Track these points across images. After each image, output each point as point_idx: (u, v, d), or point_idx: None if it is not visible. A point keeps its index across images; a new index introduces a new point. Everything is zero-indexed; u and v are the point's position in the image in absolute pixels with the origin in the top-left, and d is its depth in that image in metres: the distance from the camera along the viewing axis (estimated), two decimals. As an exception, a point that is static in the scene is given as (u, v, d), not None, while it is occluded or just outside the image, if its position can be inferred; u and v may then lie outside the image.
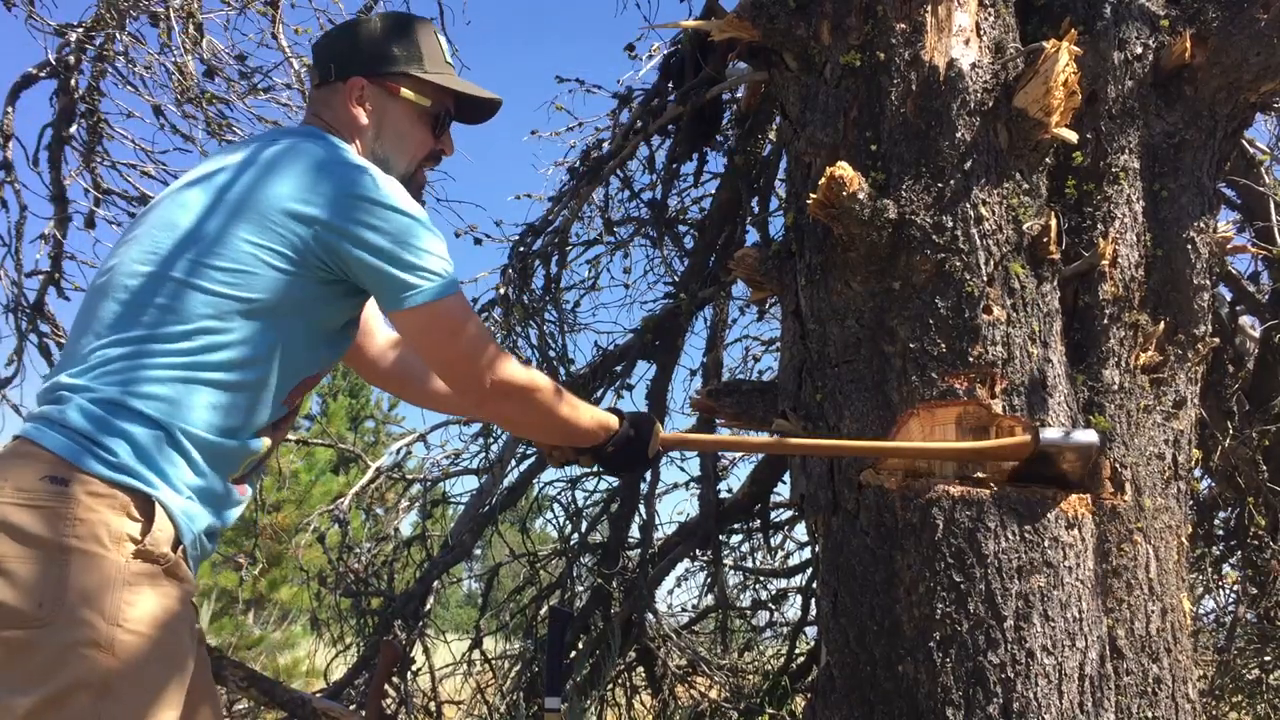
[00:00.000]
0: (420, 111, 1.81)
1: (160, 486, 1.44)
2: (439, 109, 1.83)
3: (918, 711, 1.85)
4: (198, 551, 1.52)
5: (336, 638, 4.68)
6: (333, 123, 1.77)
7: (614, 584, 4.20)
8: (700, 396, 2.45)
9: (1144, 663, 2.07)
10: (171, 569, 1.44)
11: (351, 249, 1.55)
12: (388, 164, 1.76)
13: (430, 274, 1.59)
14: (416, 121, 1.81)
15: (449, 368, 1.70)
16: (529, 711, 3.98)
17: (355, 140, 1.77)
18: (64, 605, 1.33)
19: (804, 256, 2.15)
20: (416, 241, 1.58)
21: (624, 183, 4.24)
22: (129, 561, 1.39)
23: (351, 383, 19.79)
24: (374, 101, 1.78)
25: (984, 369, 1.95)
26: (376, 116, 1.78)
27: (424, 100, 1.80)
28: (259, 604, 11.35)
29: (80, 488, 1.38)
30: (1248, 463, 3.32)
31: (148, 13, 3.62)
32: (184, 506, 1.47)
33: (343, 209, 1.55)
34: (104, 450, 1.41)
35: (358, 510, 5.38)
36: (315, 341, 1.65)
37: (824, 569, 2.10)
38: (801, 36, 2.17)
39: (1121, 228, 2.22)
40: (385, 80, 1.78)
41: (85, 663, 1.33)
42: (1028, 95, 1.99)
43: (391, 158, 1.79)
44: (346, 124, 1.77)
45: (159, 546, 1.42)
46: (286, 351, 1.58)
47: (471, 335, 1.66)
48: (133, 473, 1.42)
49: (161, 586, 1.42)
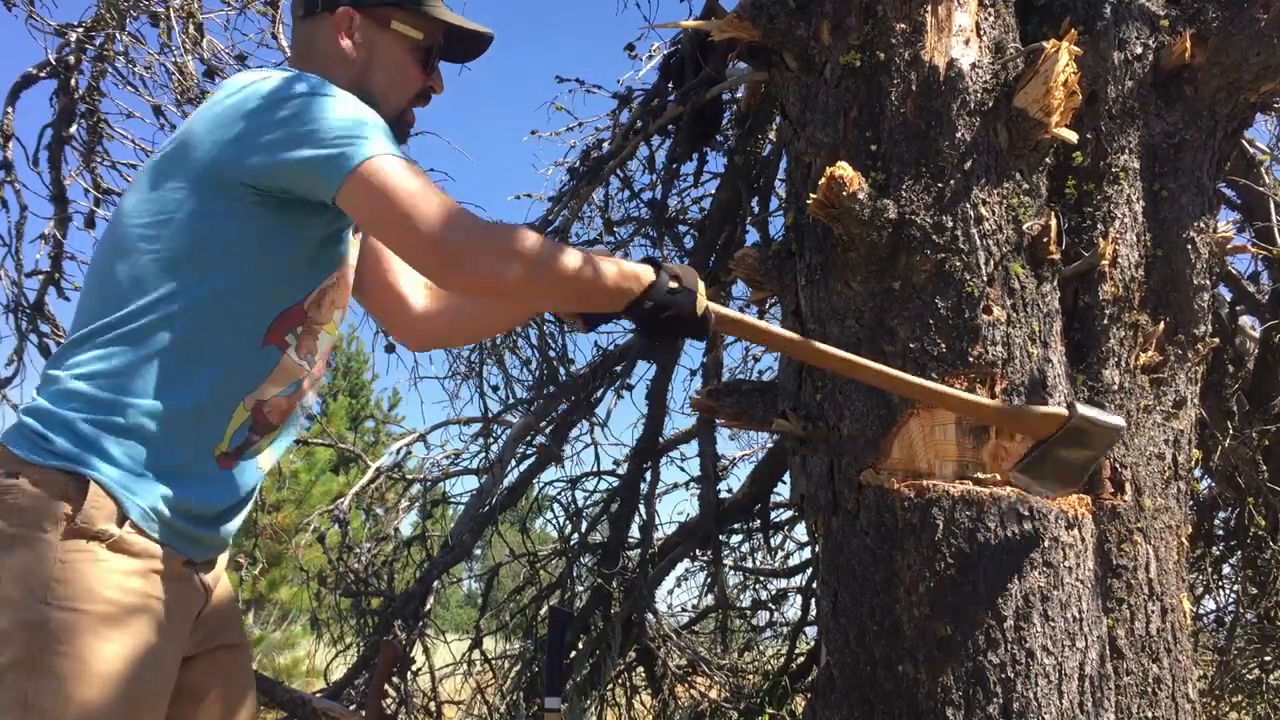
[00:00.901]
0: (412, 44, 1.70)
1: (98, 465, 1.43)
2: (431, 42, 1.72)
3: (918, 711, 1.85)
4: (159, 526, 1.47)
5: (336, 638, 4.69)
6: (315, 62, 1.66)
7: (614, 584, 4.20)
8: (700, 396, 2.45)
9: (1144, 663, 2.07)
10: (118, 544, 1.43)
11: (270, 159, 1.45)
12: (375, 101, 1.64)
13: (347, 139, 1.44)
14: (407, 56, 1.70)
15: (401, 237, 1.46)
16: (529, 711, 3.98)
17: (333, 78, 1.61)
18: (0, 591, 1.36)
19: (804, 256, 2.15)
20: (326, 115, 1.45)
21: (624, 183, 4.25)
22: (62, 541, 1.39)
23: (351, 383, 19.80)
24: (363, 34, 1.67)
25: (984, 369, 1.95)
26: (365, 50, 1.67)
27: (416, 33, 1.69)
28: (259, 604, 11.35)
29: (26, 479, 1.41)
30: (1248, 463, 3.32)
31: (148, 13, 3.63)
32: (124, 480, 1.44)
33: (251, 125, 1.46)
34: (45, 440, 1.43)
35: (358, 510, 5.38)
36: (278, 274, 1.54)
37: (824, 569, 2.10)
38: (801, 36, 2.17)
39: (1121, 228, 2.22)
40: (375, 10, 1.66)
41: (14, 644, 1.35)
42: (1028, 95, 1.99)
43: (380, 94, 1.67)
44: (333, 59, 1.66)
45: (94, 523, 1.41)
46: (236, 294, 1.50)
47: (410, 188, 1.43)
48: (69, 456, 1.42)
49: (104, 563, 1.41)
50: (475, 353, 4.33)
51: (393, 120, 1.66)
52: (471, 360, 4.35)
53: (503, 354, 4.27)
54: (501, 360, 4.28)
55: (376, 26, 1.67)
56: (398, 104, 1.71)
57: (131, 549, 1.45)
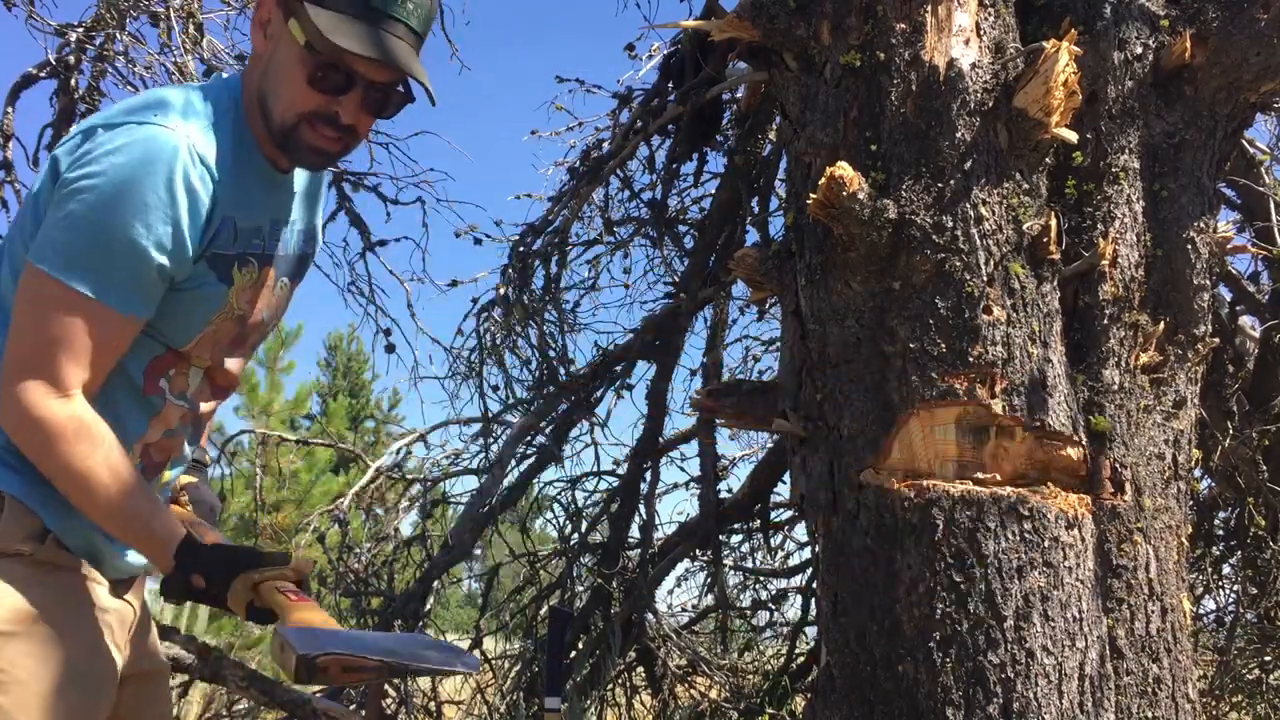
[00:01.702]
0: (301, 54, 1.44)
1: (9, 480, 1.40)
2: (329, 59, 1.43)
3: (918, 711, 1.85)
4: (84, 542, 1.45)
5: (336, 638, 4.67)
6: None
7: (614, 584, 4.20)
8: (700, 396, 2.45)
9: (1144, 663, 2.07)
10: (43, 559, 1.40)
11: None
12: (266, 106, 1.48)
13: (69, 245, 1.34)
14: (298, 63, 1.45)
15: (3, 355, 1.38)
16: (529, 711, 3.99)
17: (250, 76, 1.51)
18: None
19: (804, 256, 2.15)
20: (97, 211, 1.33)
21: (624, 183, 4.25)
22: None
23: (351, 382, 19.81)
24: (275, 28, 1.47)
25: (984, 369, 1.95)
26: (273, 46, 1.47)
27: (300, 36, 1.43)
28: (259, 604, 11.33)
29: None
30: (1248, 463, 3.32)
31: (148, 13, 3.62)
32: (42, 494, 1.41)
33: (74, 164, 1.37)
34: None
35: (358, 510, 5.38)
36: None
37: (824, 569, 2.10)
38: (801, 36, 2.17)
39: (1121, 228, 2.22)
40: (287, 3, 1.45)
41: None
42: (1028, 95, 1.99)
43: (270, 99, 1.47)
44: (253, 55, 1.51)
45: (10, 541, 1.39)
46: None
47: (48, 331, 1.34)
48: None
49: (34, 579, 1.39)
50: (475, 353, 4.33)
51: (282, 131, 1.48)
52: (471, 360, 4.35)
53: (503, 354, 4.27)
54: (501, 360, 4.28)
55: (283, 21, 1.46)
56: (281, 118, 1.47)
57: (56, 561, 1.43)
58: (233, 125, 1.48)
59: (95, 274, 1.35)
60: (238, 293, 1.53)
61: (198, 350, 1.54)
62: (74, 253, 1.35)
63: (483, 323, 4.25)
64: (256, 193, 1.53)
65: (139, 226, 1.34)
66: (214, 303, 1.50)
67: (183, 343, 1.51)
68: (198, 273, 1.46)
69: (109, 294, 1.36)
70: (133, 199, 1.34)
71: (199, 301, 1.48)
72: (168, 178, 1.36)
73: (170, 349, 1.51)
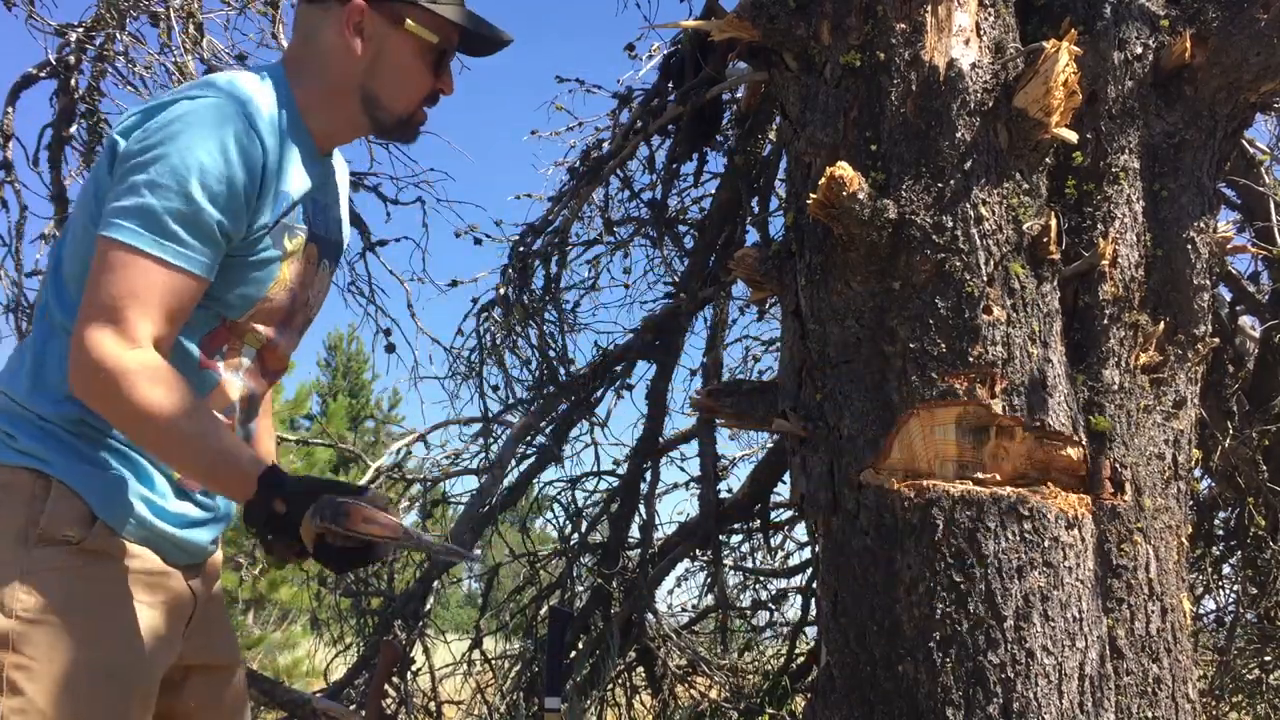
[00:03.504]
0: (424, 47, 1.61)
1: (57, 462, 1.41)
2: (445, 45, 1.63)
3: (918, 711, 1.85)
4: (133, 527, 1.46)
5: (336, 638, 4.68)
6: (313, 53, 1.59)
7: (614, 584, 4.20)
8: (700, 396, 2.45)
9: (1144, 663, 2.07)
10: (89, 547, 1.40)
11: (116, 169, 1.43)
12: (379, 102, 1.61)
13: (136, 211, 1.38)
14: (418, 58, 1.61)
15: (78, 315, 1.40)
16: (529, 711, 3.99)
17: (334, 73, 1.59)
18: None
19: (804, 256, 2.15)
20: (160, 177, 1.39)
21: (624, 183, 4.25)
22: (27, 548, 1.36)
23: (351, 383, 19.81)
24: (373, 29, 1.58)
25: (984, 369, 1.95)
26: (374, 47, 1.58)
27: (431, 35, 1.60)
28: (259, 604, 11.35)
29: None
30: (1248, 463, 3.33)
31: (148, 13, 3.63)
32: (90, 477, 1.42)
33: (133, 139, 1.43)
34: (6, 435, 1.41)
35: (358, 510, 5.36)
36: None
37: (824, 569, 2.10)
38: (801, 36, 2.17)
39: (1121, 228, 2.22)
40: (390, 6, 1.57)
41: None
42: (1028, 95, 1.99)
43: (386, 96, 1.62)
44: (335, 54, 1.58)
45: (59, 528, 1.39)
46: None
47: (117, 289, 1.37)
48: (30, 453, 1.40)
49: (75, 569, 1.39)
50: (475, 353, 4.33)
51: (400, 122, 1.65)
52: (471, 360, 4.35)
53: (503, 354, 4.27)
54: (501, 360, 4.28)
55: (389, 24, 1.58)
56: (405, 108, 1.64)
57: (107, 550, 1.43)
58: (283, 103, 1.55)
59: (160, 234, 1.39)
60: (289, 263, 1.58)
61: (252, 324, 1.57)
62: (138, 217, 1.39)
63: (483, 323, 4.26)
64: (302, 168, 1.58)
65: (197, 186, 1.40)
66: (271, 270, 1.55)
67: (240, 313, 1.54)
68: (256, 237, 1.51)
69: (171, 252, 1.40)
70: (190, 162, 1.40)
71: (258, 268, 1.53)
72: (221, 140, 1.42)
73: (224, 322, 1.54)
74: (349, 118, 1.64)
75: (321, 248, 1.68)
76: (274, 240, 1.54)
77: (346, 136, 1.69)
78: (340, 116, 1.63)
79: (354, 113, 1.63)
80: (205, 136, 1.41)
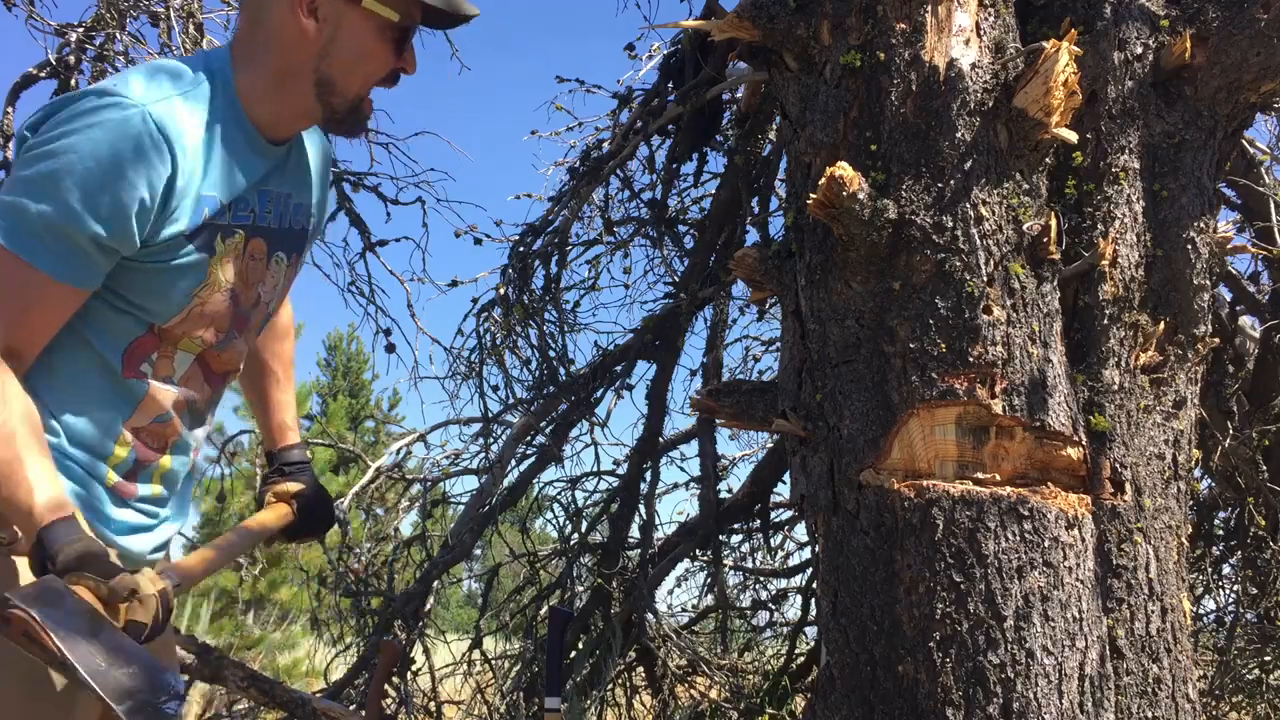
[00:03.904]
0: (385, 24, 1.50)
1: None
2: (407, 22, 1.53)
3: (918, 711, 1.85)
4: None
5: (336, 638, 4.69)
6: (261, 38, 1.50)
7: (614, 584, 4.20)
8: (700, 396, 2.45)
9: (1144, 663, 2.07)
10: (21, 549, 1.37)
11: None
12: (334, 87, 1.52)
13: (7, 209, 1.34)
14: (378, 37, 1.51)
15: None
16: (529, 711, 3.99)
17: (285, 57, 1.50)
18: None
19: (804, 256, 2.15)
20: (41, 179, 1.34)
21: (624, 183, 4.25)
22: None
23: (351, 383, 19.81)
24: (327, 9, 1.48)
25: (984, 369, 1.95)
26: (329, 28, 1.49)
27: (391, 13, 1.49)
28: (259, 604, 11.36)
29: None
30: (1248, 463, 3.33)
31: (148, 13, 3.63)
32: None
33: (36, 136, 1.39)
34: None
35: (358, 510, 5.38)
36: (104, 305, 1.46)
37: (824, 569, 2.10)
38: (801, 36, 2.17)
39: (1121, 228, 2.22)
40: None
41: None
42: (1028, 95, 1.99)
43: (342, 80, 1.52)
44: (286, 37, 1.49)
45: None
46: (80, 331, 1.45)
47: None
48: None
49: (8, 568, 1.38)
50: (475, 353, 4.33)
51: (348, 109, 1.55)
52: (471, 360, 4.35)
53: (503, 354, 4.27)
54: (501, 360, 4.28)
55: (344, 2, 1.49)
56: (359, 91, 1.54)
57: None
58: (218, 96, 1.48)
59: (30, 237, 1.35)
60: (221, 264, 1.51)
61: (185, 329, 1.52)
62: (12, 217, 1.35)
63: (483, 323, 4.26)
64: (241, 163, 1.51)
65: (77, 194, 1.34)
66: (194, 274, 1.48)
67: (165, 319, 1.49)
68: (170, 244, 1.44)
69: (40, 257, 1.35)
70: (75, 168, 1.34)
71: (178, 273, 1.47)
72: (114, 150, 1.36)
73: (151, 330, 1.49)
74: (301, 105, 1.55)
75: (272, 241, 1.61)
76: (199, 245, 1.47)
77: (298, 125, 1.60)
78: (291, 104, 1.54)
79: (306, 99, 1.54)
80: (98, 143, 1.35)
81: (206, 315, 1.53)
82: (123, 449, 1.51)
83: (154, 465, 1.56)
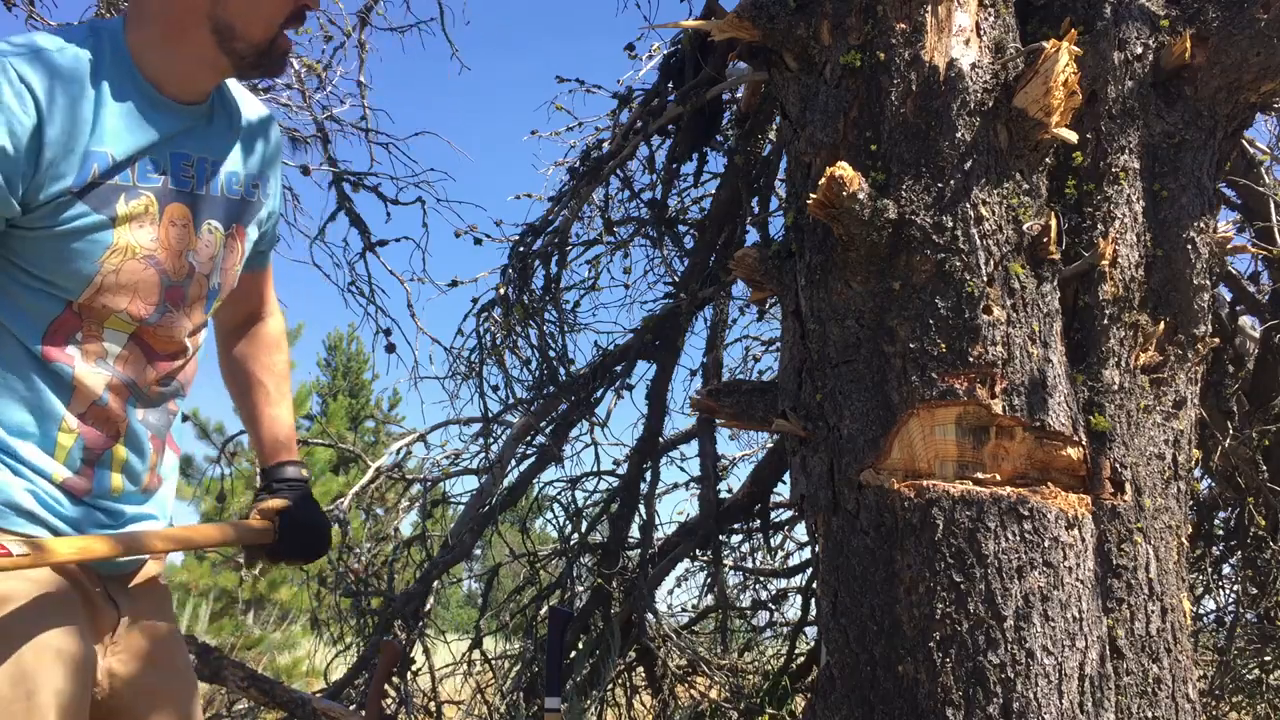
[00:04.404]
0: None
1: None
2: None
3: (918, 711, 1.85)
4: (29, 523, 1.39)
5: (336, 638, 4.69)
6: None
7: (614, 584, 4.20)
8: (700, 396, 2.45)
9: (1144, 663, 2.07)
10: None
11: None
12: (233, 31, 1.45)
13: None
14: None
15: None
16: (529, 711, 3.99)
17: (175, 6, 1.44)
18: None
19: (804, 256, 2.15)
20: None
21: (624, 183, 4.26)
22: None
23: (352, 383, 19.81)
24: None
25: (984, 369, 1.95)
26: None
27: None
28: (259, 604, 11.36)
29: None
30: (1248, 463, 3.33)
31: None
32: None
33: None
34: None
35: (358, 510, 5.38)
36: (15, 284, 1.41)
37: (824, 569, 2.10)
38: (801, 36, 2.17)
39: (1121, 228, 2.22)
40: None
41: None
42: (1028, 95, 1.99)
43: (241, 23, 1.45)
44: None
45: None
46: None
47: None
48: None
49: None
50: (475, 353, 4.33)
51: (260, 53, 1.48)
52: (471, 360, 4.36)
53: (503, 354, 4.28)
54: (501, 360, 4.28)
55: None
56: (265, 33, 1.47)
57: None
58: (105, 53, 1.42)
59: None
60: (130, 229, 1.44)
61: (103, 301, 1.44)
62: None
63: (483, 323, 4.26)
64: (138, 120, 1.44)
65: None
66: (96, 238, 1.41)
67: (78, 293, 1.42)
68: (57, 204, 1.38)
69: None
70: None
71: (74, 238, 1.40)
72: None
73: (70, 307, 1.43)
74: (201, 55, 1.47)
75: (198, 207, 1.53)
76: (93, 205, 1.40)
77: (206, 79, 1.51)
78: (189, 55, 1.47)
79: (206, 48, 1.47)
80: None
81: (124, 285, 1.45)
82: (67, 437, 1.44)
83: (108, 454, 1.49)
